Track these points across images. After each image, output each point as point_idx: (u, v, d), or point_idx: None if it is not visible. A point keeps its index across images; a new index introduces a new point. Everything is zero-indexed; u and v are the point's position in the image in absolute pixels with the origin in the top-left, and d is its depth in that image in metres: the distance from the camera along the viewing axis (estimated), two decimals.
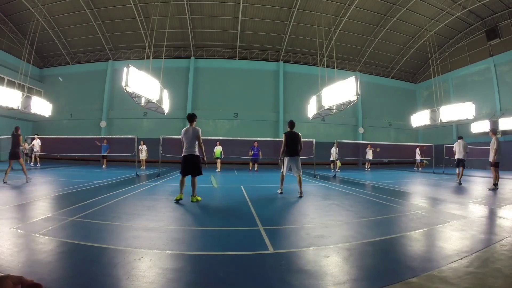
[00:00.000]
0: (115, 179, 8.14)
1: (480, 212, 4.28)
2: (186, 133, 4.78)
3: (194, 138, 4.75)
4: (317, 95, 11.18)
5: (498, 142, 6.95)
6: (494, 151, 6.91)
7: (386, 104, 20.76)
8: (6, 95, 9.83)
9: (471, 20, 16.60)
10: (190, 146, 4.73)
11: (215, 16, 16.72)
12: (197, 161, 4.77)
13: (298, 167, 5.72)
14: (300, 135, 5.87)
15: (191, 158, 4.72)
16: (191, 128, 4.81)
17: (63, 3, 15.27)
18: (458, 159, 8.49)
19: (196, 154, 4.76)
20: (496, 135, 7.04)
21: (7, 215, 3.49)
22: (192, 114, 4.97)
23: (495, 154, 6.91)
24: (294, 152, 5.72)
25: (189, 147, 4.73)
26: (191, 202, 4.65)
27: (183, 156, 4.75)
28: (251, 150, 13.38)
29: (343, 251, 2.42)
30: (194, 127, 4.84)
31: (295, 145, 5.73)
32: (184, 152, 4.75)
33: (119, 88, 10.79)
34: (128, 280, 1.78)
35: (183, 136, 4.80)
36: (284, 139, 5.76)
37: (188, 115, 4.98)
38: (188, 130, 4.79)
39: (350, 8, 15.68)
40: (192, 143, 4.74)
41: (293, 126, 5.90)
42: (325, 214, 3.97)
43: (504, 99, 16.03)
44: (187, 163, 4.72)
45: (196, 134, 4.76)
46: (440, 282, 1.77)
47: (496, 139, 6.94)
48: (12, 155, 7.06)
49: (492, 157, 6.99)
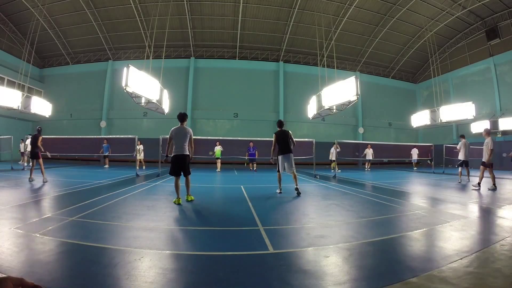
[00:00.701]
0: (115, 179, 8.14)
1: (480, 212, 4.28)
2: (178, 133, 4.70)
3: (186, 138, 4.71)
4: (317, 95, 11.18)
5: (494, 142, 6.93)
6: (489, 151, 6.86)
7: (386, 104, 20.76)
8: (6, 95, 9.83)
9: (471, 20, 16.60)
10: (182, 146, 4.66)
11: (215, 16, 16.72)
12: (188, 161, 4.73)
13: (291, 164, 5.77)
14: (290, 132, 5.94)
15: (182, 158, 4.66)
16: (183, 128, 4.76)
17: (63, 3, 15.27)
18: (462, 159, 8.53)
19: (187, 154, 4.71)
20: (490, 136, 6.99)
21: (7, 215, 3.49)
22: (184, 114, 4.91)
23: (490, 155, 6.87)
24: (287, 150, 5.79)
25: (180, 146, 4.66)
26: (186, 201, 4.67)
27: (174, 155, 4.67)
28: (248, 151, 13.47)
29: (343, 251, 2.42)
30: (187, 127, 4.81)
31: (286, 143, 5.80)
32: (175, 152, 4.68)
33: (119, 88, 10.80)
34: (128, 280, 1.78)
35: (174, 135, 4.70)
36: (275, 138, 5.92)
37: (180, 114, 4.88)
38: (181, 130, 4.73)
39: (350, 8, 15.68)
40: (184, 143, 4.68)
41: (281, 125, 6.01)
42: (325, 214, 3.97)
43: (504, 99, 16.03)
44: (178, 163, 4.66)
45: (189, 134, 4.75)
46: (440, 282, 1.77)
47: (491, 140, 6.91)
48: (31, 155, 7.34)
49: (487, 158, 6.92)
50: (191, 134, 4.79)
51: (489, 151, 6.86)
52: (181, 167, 4.67)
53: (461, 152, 8.63)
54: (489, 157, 6.88)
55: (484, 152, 7.06)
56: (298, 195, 5.46)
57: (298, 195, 5.46)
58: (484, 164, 7.03)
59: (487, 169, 7.00)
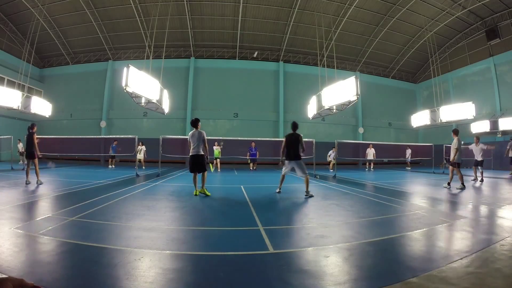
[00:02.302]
0: (115, 179, 8.14)
1: (480, 212, 4.28)
2: (193, 136, 5.44)
3: (200, 140, 5.41)
4: (317, 95, 11.18)
5: (460, 142, 7.12)
6: (455, 151, 7.06)
7: (386, 104, 20.76)
8: (6, 95, 9.83)
9: (471, 20, 16.60)
10: (196, 147, 5.39)
11: (215, 16, 16.71)
12: (201, 160, 5.44)
13: (302, 170, 5.59)
14: (301, 136, 5.69)
15: (196, 157, 5.40)
16: (197, 132, 5.46)
17: (63, 3, 15.26)
18: (476, 160, 8.88)
19: (201, 154, 5.43)
20: (457, 136, 7.16)
21: (7, 215, 3.49)
22: (195, 120, 5.55)
23: (455, 154, 7.05)
24: (293, 156, 5.61)
25: (195, 147, 5.39)
26: (199, 193, 5.31)
27: (190, 155, 5.44)
28: (249, 151, 13.50)
29: (343, 251, 2.42)
30: (200, 131, 5.50)
31: (294, 149, 5.60)
32: (191, 152, 5.44)
33: (119, 88, 10.79)
34: (128, 280, 1.78)
35: (190, 138, 5.47)
36: (284, 142, 5.78)
37: (191, 120, 5.58)
38: (194, 133, 5.45)
39: (350, 8, 15.68)
40: (198, 145, 5.39)
41: (295, 128, 5.76)
42: (325, 214, 3.97)
43: (504, 99, 16.02)
44: (194, 162, 5.42)
45: (202, 137, 5.44)
46: (440, 282, 1.77)
47: (458, 140, 7.10)
48: (27, 155, 6.80)
49: (452, 157, 7.17)
50: (204, 137, 5.47)
51: (454, 151, 7.07)
52: (196, 165, 5.43)
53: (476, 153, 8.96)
54: (453, 156, 7.09)
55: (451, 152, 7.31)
56: (307, 198, 5.24)
57: (307, 198, 5.24)
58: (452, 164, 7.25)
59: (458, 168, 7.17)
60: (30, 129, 6.80)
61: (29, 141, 6.75)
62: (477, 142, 9.06)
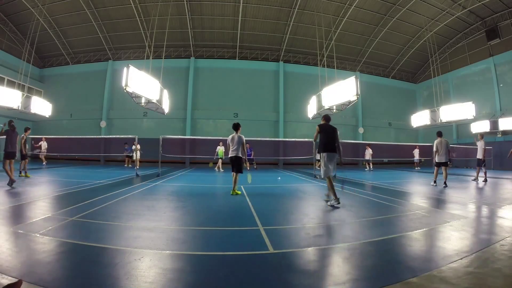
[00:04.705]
0: (115, 179, 8.14)
1: (480, 212, 4.28)
2: (233, 139, 5.92)
3: (239, 143, 5.87)
4: (317, 95, 11.19)
5: (436, 144, 7.48)
6: (434, 153, 7.59)
7: (386, 104, 20.76)
8: (6, 95, 9.84)
9: (471, 20, 16.60)
10: (236, 149, 5.83)
11: (215, 16, 16.72)
12: (239, 161, 5.87)
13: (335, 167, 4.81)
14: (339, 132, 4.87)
15: (235, 159, 5.84)
16: (236, 136, 5.91)
17: (63, 3, 15.27)
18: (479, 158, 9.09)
19: (239, 156, 5.85)
20: (440, 138, 7.47)
21: (7, 215, 3.49)
22: (237, 124, 6.02)
23: (434, 155, 7.59)
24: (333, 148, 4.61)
25: (234, 150, 5.84)
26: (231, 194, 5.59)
27: (229, 157, 5.93)
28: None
29: (343, 251, 2.42)
30: (240, 135, 5.92)
31: (333, 139, 4.64)
32: (230, 154, 5.91)
33: (119, 88, 10.79)
34: (128, 280, 1.78)
35: (229, 141, 5.96)
36: (317, 131, 4.75)
37: (233, 124, 6.04)
38: (235, 137, 5.92)
39: (350, 8, 15.69)
40: (237, 147, 5.85)
41: (329, 120, 4.89)
42: (325, 214, 3.97)
43: (504, 99, 16.03)
44: (232, 163, 5.89)
45: (241, 141, 5.90)
46: (440, 282, 1.77)
47: (439, 141, 7.46)
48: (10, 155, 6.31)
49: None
50: (242, 141, 5.92)
51: (434, 152, 7.60)
52: (234, 165, 5.85)
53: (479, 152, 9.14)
54: (434, 157, 7.67)
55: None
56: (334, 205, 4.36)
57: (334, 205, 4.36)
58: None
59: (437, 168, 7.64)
60: (12, 127, 6.34)
61: (14, 141, 6.35)
62: (481, 138, 9.01)
